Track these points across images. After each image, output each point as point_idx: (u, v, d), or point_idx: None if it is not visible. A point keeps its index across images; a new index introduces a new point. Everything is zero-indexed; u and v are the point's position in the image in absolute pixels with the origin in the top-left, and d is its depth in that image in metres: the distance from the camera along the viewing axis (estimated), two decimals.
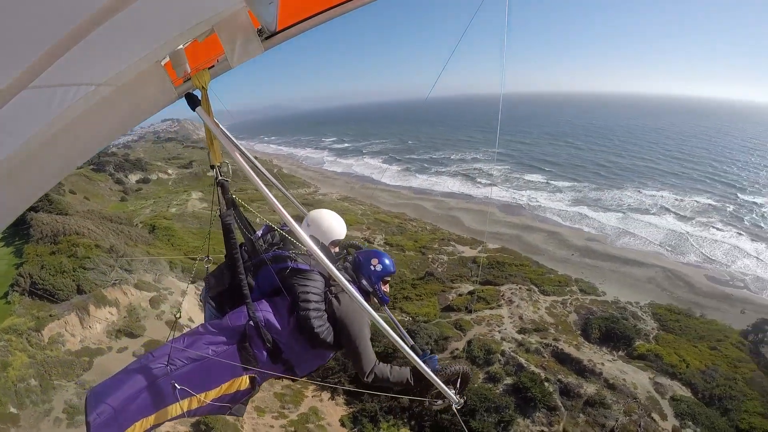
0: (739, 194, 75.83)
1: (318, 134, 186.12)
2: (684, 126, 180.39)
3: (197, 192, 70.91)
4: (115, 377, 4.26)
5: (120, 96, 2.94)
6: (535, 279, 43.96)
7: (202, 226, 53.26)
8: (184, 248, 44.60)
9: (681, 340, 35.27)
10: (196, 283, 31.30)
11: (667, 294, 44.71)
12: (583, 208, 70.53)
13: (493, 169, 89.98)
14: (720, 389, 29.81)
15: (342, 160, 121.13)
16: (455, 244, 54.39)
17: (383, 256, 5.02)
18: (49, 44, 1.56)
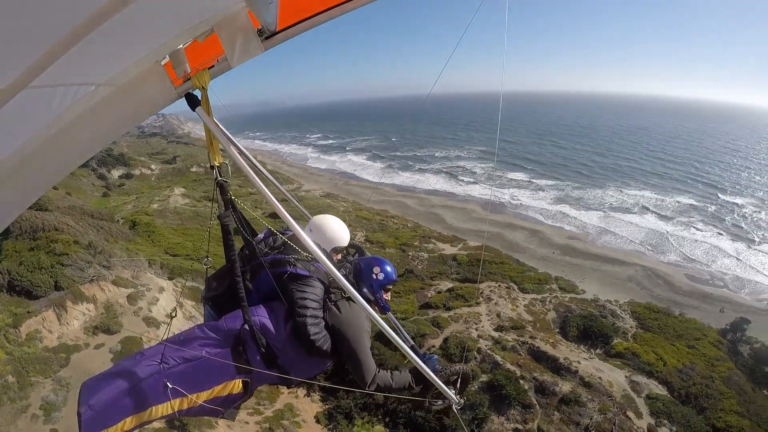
0: (720, 194, 76.54)
1: (303, 131, 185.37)
2: (668, 126, 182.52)
3: (179, 188, 70.30)
4: (109, 371, 4.30)
5: (120, 96, 2.98)
6: (515, 277, 43.64)
7: (183, 223, 52.97)
8: (164, 245, 44.26)
9: (659, 339, 35.08)
10: (174, 280, 32.78)
11: (646, 292, 44.69)
12: (564, 206, 70.62)
13: (494, 170, 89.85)
14: (696, 388, 29.64)
15: (326, 157, 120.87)
16: (436, 241, 54.13)
17: (384, 263, 4.92)
18: (49, 44, 1.54)
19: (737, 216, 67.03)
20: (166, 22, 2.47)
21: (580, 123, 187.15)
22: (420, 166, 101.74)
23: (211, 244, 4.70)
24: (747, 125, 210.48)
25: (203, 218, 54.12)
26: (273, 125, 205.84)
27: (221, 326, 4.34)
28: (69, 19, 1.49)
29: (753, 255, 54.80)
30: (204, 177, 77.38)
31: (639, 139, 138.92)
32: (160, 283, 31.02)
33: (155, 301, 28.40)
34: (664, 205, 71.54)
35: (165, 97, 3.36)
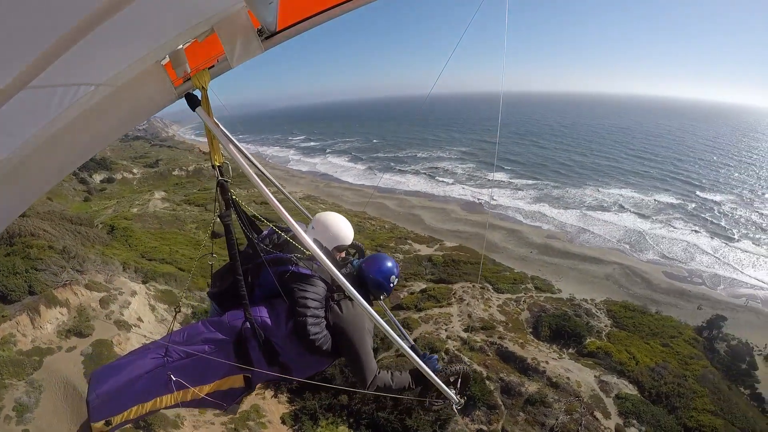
0: (699, 192, 76.79)
1: (286, 132, 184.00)
2: (650, 125, 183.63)
3: (160, 192, 68.88)
4: (117, 362, 4.46)
5: (120, 96, 2.98)
6: (490, 277, 42.93)
7: (162, 227, 52.07)
8: (140, 249, 43.45)
9: (633, 337, 34.54)
10: (148, 284, 32.26)
11: (623, 291, 44.34)
12: (544, 206, 70.14)
13: (493, 175, 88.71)
14: (668, 387, 29.00)
15: (308, 159, 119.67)
16: (412, 242, 53.46)
17: (391, 263, 4.96)
18: (48, 43, 1.55)
19: (717, 213, 66.97)
20: (166, 21, 2.47)
21: (562, 123, 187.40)
22: (401, 167, 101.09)
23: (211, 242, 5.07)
24: (729, 123, 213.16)
25: (182, 222, 53.94)
26: (257, 127, 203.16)
27: (224, 322, 4.45)
28: (68, 18, 1.48)
29: (731, 252, 54.68)
30: (185, 181, 76.97)
31: (619, 138, 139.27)
32: (132, 287, 30.52)
33: (127, 304, 28.23)
34: (643, 203, 71.46)
35: (165, 97, 3.36)
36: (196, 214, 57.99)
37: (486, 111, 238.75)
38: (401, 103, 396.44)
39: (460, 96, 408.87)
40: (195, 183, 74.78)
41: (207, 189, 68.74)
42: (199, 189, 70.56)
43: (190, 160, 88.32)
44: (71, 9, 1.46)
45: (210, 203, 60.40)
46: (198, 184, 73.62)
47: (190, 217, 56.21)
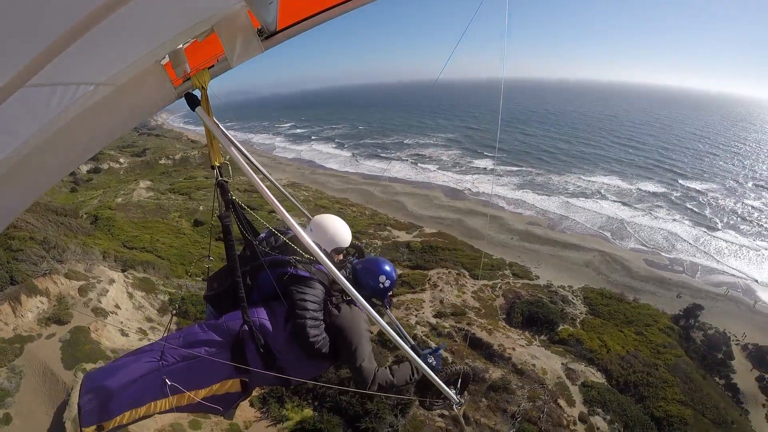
0: (682, 181, 76.58)
1: (275, 120, 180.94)
2: (638, 113, 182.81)
3: (145, 181, 68.36)
4: (111, 365, 4.38)
5: (120, 96, 2.97)
6: (468, 263, 42.51)
7: (145, 216, 51.53)
8: (122, 238, 43.17)
9: (608, 325, 34.21)
10: (127, 272, 32.35)
11: (602, 278, 43.92)
12: (527, 193, 69.73)
13: (495, 169, 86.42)
14: (637, 376, 28.64)
15: (294, 146, 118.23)
16: (391, 228, 52.94)
17: (386, 266, 4.93)
18: (47, 42, 1.55)
19: (700, 202, 66.72)
20: (166, 21, 2.45)
21: (551, 110, 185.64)
22: (387, 153, 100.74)
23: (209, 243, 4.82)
24: (719, 113, 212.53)
25: (165, 211, 53.48)
26: (246, 114, 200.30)
27: (221, 326, 4.35)
28: (66, 17, 1.47)
29: (713, 241, 54.36)
30: (172, 169, 76.12)
31: (606, 125, 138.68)
32: (111, 275, 30.64)
33: (105, 292, 28.52)
34: (626, 191, 71.19)
35: (165, 97, 3.35)
36: (180, 202, 57.42)
37: (477, 97, 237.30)
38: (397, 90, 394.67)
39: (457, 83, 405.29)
40: (181, 172, 73.80)
41: (192, 177, 68.47)
42: (185, 177, 69.73)
43: (178, 148, 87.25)
44: (70, 7, 1.45)
45: (194, 191, 59.37)
46: (184, 173, 72.77)
47: (174, 206, 55.60)
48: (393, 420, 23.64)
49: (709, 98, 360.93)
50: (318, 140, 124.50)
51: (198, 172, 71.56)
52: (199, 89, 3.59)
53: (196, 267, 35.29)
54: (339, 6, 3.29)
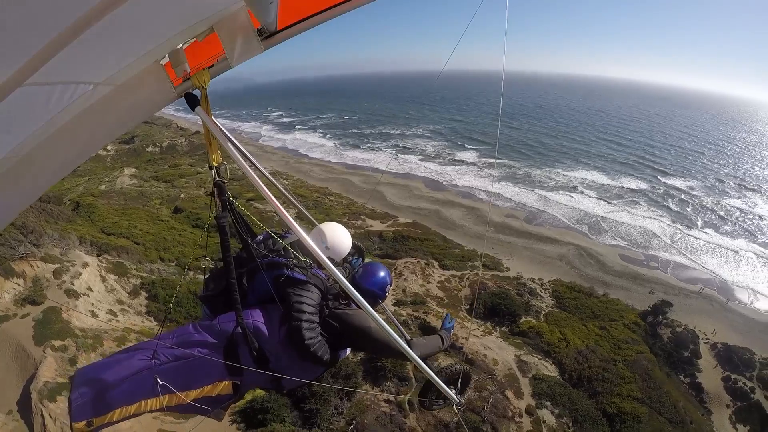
0: (663, 178, 76.15)
1: (264, 108, 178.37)
2: (628, 110, 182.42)
3: (130, 168, 67.68)
4: (103, 362, 4.36)
5: (119, 95, 2.97)
6: (438, 253, 42.45)
7: (126, 203, 51.39)
8: (101, 224, 43.20)
9: (572, 319, 33.79)
10: (101, 256, 32.88)
11: (575, 272, 43.46)
12: (507, 185, 69.14)
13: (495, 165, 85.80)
14: (591, 371, 28.13)
15: (281, 135, 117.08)
16: (366, 218, 52.94)
17: (380, 269, 4.92)
18: (46, 40, 1.55)
19: (681, 200, 66.30)
20: (165, 20, 2.44)
21: (539, 104, 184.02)
22: (372, 144, 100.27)
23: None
24: (711, 112, 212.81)
25: (147, 198, 53.31)
26: (236, 102, 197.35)
27: (215, 327, 4.31)
28: (64, 15, 1.46)
29: (691, 239, 53.87)
30: (158, 157, 75.57)
31: (594, 121, 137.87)
32: (84, 258, 31.50)
33: (78, 275, 29.09)
34: (607, 187, 70.71)
35: (164, 96, 3.34)
36: (162, 190, 57.11)
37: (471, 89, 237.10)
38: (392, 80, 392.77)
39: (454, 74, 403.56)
40: (167, 159, 73.17)
41: (177, 165, 67.86)
42: (170, 165, 69.01)
43: (166, 136, 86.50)
44: (68, 5, 1.43)
45: (177, 179, 58.57)
46: (170, 161, 72.04)
47: (156, 193, 55.30)
48: (338, 403, 23.80)
49: (701, 97, 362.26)
50: (305, 129, 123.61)
51: (183, 159, 71.22)
52: (198, 89, 3.55)
53: (170, 253, 36.94)
54: (339, 6, 3.28)
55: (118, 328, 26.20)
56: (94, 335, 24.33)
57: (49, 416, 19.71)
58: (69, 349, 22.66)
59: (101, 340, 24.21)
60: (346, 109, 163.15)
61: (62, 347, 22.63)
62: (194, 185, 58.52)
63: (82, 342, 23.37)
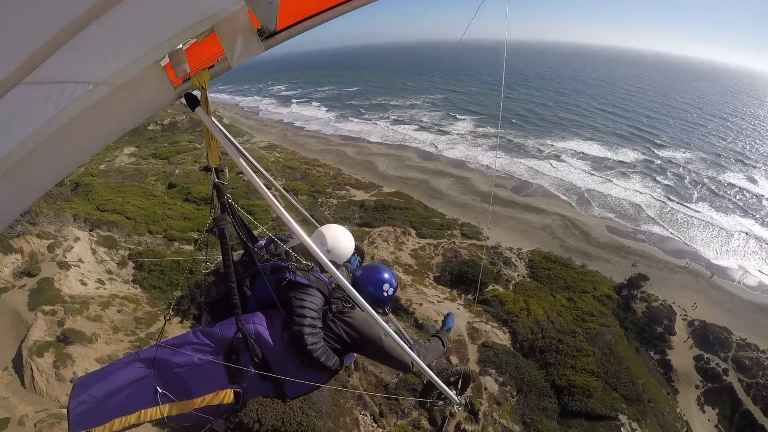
0: (659, 150, 74.64)
1: (265, 82, 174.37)
2: (634, 79, 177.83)
3: (131, 147, 67.93)
4: (102, 370, 4.22)
5: (119, 96, 2.94)
6: (416, 222, 42.48)
7: (123, 181, 52.35)
8: (96, 201, 44.46)
9: (542, 289, 33.39)
10: (94, 231, 34.93)
11: (557, 242, 42.80)
12: (499, 155, 68.55)
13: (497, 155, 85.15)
14: (545, 341, 27.63)
15: (282, 109, 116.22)
16: (350, 188, 52.96)
17: (384, 272, 4.80)
18: (44, 39, 1.54)
19: (677, 174, 64.80)
20: (165, 21, 2.46)
21: (541, 74, 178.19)
22: (370, 115, 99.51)
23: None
24: (721, 84, 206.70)
25: (143, 175, 54.14)
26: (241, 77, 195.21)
27: (215, 333, 4.15)
28: (62, 14, 1.45)
29: (684, 213, 52.53)
30: (159, 135, 75.78)
31: (595, 91, 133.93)
32: (77, 234, 33.16)
33: (70, 248, 31.27)
34: (601, 158, 69.33)
35: (164, 97, 3.31)
36: (159, 167, 57.74)
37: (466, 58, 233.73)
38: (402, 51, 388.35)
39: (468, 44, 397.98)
40: (167, 137, 73.49)
41: (176, 142, 68.34)
42: (170, 142, 69.33)
43: (168, 113, 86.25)
44: (65, 4, 1.43)
45: (173, 156, 58.63)
46: (170, 138, 72.37)
47: (152, 170, 56.02)
48: None
49: (714, 68, 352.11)
50: (304, 102, 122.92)
51: (182, 136, 71.67)
52: (199, 89, 3.51)
53: (158, 226, 38.92)
54: (339, 6, 3.24)
55: (104, 294, 28.28)
56: (82, 301, 26.66)
57: (37, 369, 22.09)
58: (58, 313, 25.10)
59: (87, 305, 26.52)
60: (347, 81, 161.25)
61: (52, 311, 25.12)
62: (190, 161, 58.83)
63: (70, 307, 25.72)
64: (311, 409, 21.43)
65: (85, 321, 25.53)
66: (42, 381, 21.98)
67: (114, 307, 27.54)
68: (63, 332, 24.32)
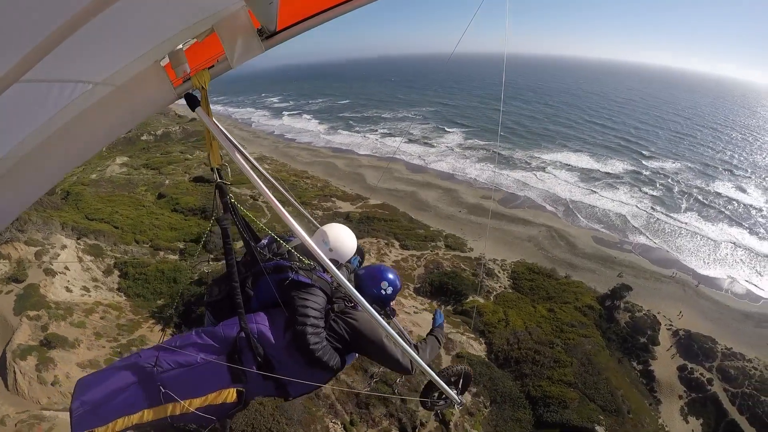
0: (645, 161, 74.89)
1: (261, 93, 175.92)
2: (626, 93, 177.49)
3: (123, 157, 68.31)
4: (105, 370, 4.24)
5: (119, 96, 2.96)
6: (400, 233, 42.55)
7: (114, 190, 52.45)
8: (86, 211, 44.77)
9: (523, 300, 33.28)
10: (80, 239, 35.35)
11: (542, 253, 42.70)
12: (487, 167, 68.53)
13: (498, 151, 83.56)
14: (521, 352, 27.54)
15: (274, 121, 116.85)
16: (336, 200, 53.10)
17: (389, 273, 4.80)
18: (43, 36, 1.51)
19: (665, 184, 64.81)
20: (165, 21, 2.46)
21: (532, 87, 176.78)
22: (362, 127, 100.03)
23: None
24: (711, 95, 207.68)
25: (134, 185, 54.25)
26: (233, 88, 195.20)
27: (218, 332, 4.15)
28: (61, 11, 1.43)
29: (671, 223, 52.49)
30: (152, 145, 76.25)
31: (585, 103, 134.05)
32: (64, 241, 33.72)
33: (56, 256, 31.94)
34: (589, 169, 69.46)
35: (164, 97, 3.28)
36: (149, 177, 57.88)
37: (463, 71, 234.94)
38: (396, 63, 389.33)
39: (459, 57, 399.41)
40: (160, 147, 73.70)
41: (168, 153, 68.62)
42: (162, 153, 69.68)
43: (162, 123, 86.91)
44: (63, 2, 1.42)
45: (165, 166, 58.71)
46: (163, 148, 72.60)
47: (143, 180, 56.19)
48: None
49: (708, 81, 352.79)
50: (297, 114, 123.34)
51: (175, 147, 71.85)
52: (199, 89, 3.45)
53: (145, 235, 39.45)
54: (339, 6, 3.21)
55: (89, 301, 28.90)
56: (66, 307, 27.26)
57: (20, 371, 22.86)
58: (42, 318, 25.82)
59: (72, 311, 27.13)
60: (339, 93, 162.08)
61: (36, 317, 25.92)
62: (180, 171, 59.04)
63: (54, 312, 26.42)
64: (282, 416, 21.10)
65: (69, 327, 25.98)
66: (24, 383, 22.73)
67: (97, 313, 28.10)
68: (46, 337, 24.84)
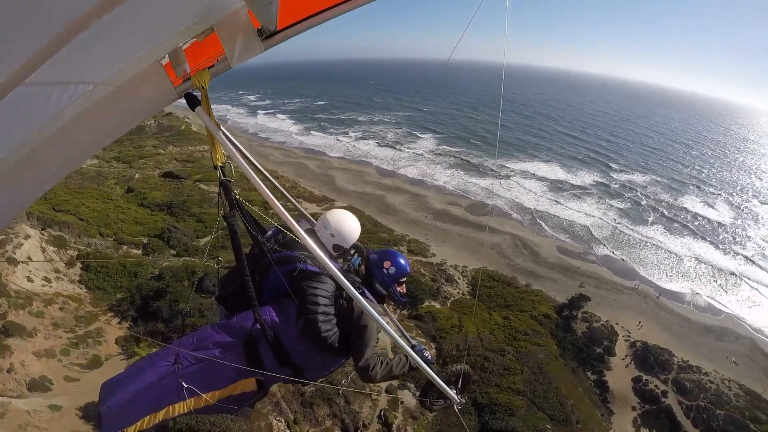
0: (614, 174, 75.90)
1: (239, 90, 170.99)
2: (603, 106, 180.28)
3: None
4: (127, 372, 4.42)
5: (119, 96, 2.93)
6: (362, 237, 39.89)
7: (83, 183, 51.40)
8: (53, 201, 43.92)
9: (480, 307, 33.02)
10: (45, 230, 35.21)
11: (504, 261, 42.62)
12: (457, 174, 68.87)
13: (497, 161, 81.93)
14: (470, 358, 27.39)
15: (249, 119, 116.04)
16: (302, 200, 52.34)
17: (397, 256, 4.87)
18: (45, 40, 1.51)
19: (634, 197, 65.56)
20: (165, 20, 2.42)
21: (513, 97, 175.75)
22: (336, 129, 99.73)
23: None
24: (686, 111, 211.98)
25: (104, 178, 53.50)
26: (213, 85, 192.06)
27: (233, 325, 4.32)
28: (63, 15, 1.43)
29: (636, 236, 52.93)
30: (125, 138, 72.56)
31: (561, 115, 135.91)
32: (28, 231, 33.74)
33: (19, 245, 31.90)
34: (558, 180, 70.06)
35: (164, 97, 3.23)
36: (120, 170, 57.31)
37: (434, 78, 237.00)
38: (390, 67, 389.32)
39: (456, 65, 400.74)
40: (133, 140, 72.35)
41: (141, 147, 68.14)
42: (135, 147, 68.81)
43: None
44: (66, 5, 1.40)
45: (135, 160, 57.68)
46: (136, 141, 71.61)
47: (113, 174, 55.62)
48: None
49: (684, 97, 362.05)
50: (273, 113, 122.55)
51: (148, 141, 70.99)
52: (199, 89, 3.40)
53: (110, 229, 39.35)
54: (339, 6, 3.15)
55: (49, 292, 28.84)
56: (26, 297, 27.14)
57: None
58: (1, 306, 25.48)
59: (31, 301, 27.11)
60: (316, 94, 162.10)
61: None
62: (151, 166, 58.59)
63: (14, 301, 26.25)
64: None
65: (27, 316, 26.02)
66: None
67: (57, 304, 28.19)
68: (4, 325, 24.97)
